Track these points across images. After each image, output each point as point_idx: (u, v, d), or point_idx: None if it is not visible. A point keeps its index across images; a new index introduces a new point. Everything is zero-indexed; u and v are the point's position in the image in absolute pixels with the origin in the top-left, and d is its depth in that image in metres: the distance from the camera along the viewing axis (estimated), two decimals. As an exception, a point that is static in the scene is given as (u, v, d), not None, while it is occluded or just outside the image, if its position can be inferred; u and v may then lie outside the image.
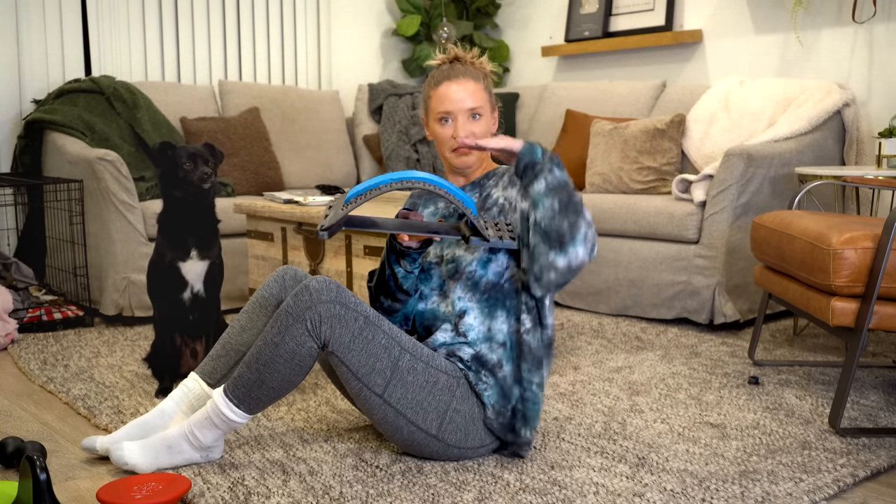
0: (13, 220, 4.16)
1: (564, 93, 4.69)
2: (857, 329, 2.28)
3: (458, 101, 2.13)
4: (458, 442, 2.06)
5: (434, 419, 2.02)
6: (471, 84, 2.15)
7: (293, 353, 1.95)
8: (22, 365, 3.03)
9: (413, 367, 2.00)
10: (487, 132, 2.17)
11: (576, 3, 4.96)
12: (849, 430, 2.28)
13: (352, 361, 1.97)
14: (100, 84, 4.12)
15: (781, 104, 3.80)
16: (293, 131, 4.70)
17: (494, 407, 2.07)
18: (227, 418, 2.00)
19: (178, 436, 2.05)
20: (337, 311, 1.95)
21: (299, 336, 1.95)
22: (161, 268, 2.68)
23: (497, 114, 2.24)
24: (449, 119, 2.14)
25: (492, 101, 2.21)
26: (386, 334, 1.99)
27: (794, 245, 2.51)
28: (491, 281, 2.09)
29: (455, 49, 2.23)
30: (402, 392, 1.99)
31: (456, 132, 2.13)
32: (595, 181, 4.02)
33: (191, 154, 2.62)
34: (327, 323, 1.94)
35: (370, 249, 2.79)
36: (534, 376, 2.07)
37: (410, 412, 2.01)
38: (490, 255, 2.09)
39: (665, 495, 1.90)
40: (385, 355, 1.98)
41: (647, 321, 3.64)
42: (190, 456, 2.06)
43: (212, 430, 2.03)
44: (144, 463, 2.03)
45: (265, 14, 4.97)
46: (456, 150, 2.14)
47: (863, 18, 3.80)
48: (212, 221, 2.72)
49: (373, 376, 1.98)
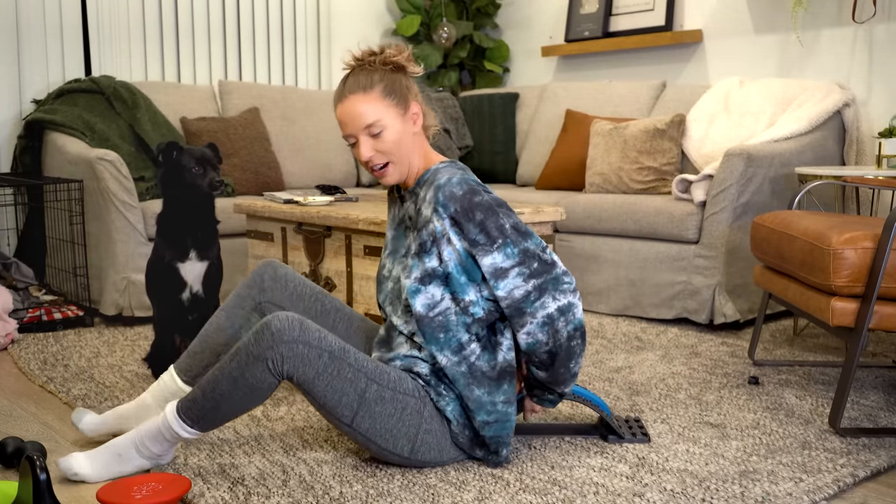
0: (13, 220, 4.16)
1: (564, 93, 4.69)
2: (857, 329, 2.28)
3: (350, 122, 2.01)
4: (434, 459, 2.05)
5: (405, 444, 2.00)
6: (359, 98, 1.99)
7: (252, 389, 1.92)
8: (22, 365, 3.03)
9: (381, 397, 1.97)
10: (398, 141, 2.02)
11: (576, 3, 4.96)
12: (849, 430, 2.28)
13: (318, 395, 1.94)
14: (100, 84, 4.12)
15: (781, 104, 3.80)
16: (293, 131, 4.70)
17: (458, 420, 2.03)
18: (178, 436, 1.99)
19: (129, 444, 2.03)
20: (300, 350, 1.90)
21: (259, 374, 1.90)
22: (160, 268, 2.68)
23: (415, 104, 2.05)
24: (354, 140, 2.03)
25: (397, 100, 2.02)
26: (352, 367, 1.95)
27: (794, 245, 2.51)
28: (420, 312, 2.00)
29: (353, 53, 2.06)
30: (370, 422, 1.97)
31: (359, 155, 2.02)
32: (595, 181, 4.02)
33: (199, 158, 2.62)
34: (289, 362, 1.90)
35: (370, 249, 2.79)
36: (496, 397, 2.02)
37: (381, 440, 1.99)
38: (420, 285, 2.00)
39: (665, 495, 1.90)
40: (351, 389, 1.94)
41: (647, 321, 3.64)
42: (140, 463, 2.04)
43: (162, 442, 2.02)
44: (93, 473, 2.01)
45: (265, 14, 4.97)
46: (372, 171, 2.06)
47: (863, 18, 3.80)
48: (211, 222, 2.72)
49: (340, 409, 1.95)
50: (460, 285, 1.99)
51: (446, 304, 1.99)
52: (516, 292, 1.95)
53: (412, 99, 2.05)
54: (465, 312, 1.99)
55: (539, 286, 1.95)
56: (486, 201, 1.97)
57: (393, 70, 2.04)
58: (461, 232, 1.96)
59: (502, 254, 1.95)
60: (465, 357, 2.00)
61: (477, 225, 1.95)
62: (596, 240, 3.80)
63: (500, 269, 1.95)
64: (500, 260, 1.95)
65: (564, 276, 1.98)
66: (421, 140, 2.09)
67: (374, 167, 2.04)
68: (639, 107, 4.33)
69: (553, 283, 1.96)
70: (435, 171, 2.05)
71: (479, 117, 4.95)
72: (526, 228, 1.99)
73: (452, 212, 1.96)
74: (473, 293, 1.99)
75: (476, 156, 4.92)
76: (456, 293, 1.99)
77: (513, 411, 2.04)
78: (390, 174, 2.05)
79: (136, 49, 4.56)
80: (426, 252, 2.00)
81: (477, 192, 1.97)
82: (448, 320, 2.00)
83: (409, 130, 2.05)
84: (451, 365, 2.00)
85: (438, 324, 2.00)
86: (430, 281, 2.00)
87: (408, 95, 2.04)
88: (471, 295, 1.99)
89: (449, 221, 1.97)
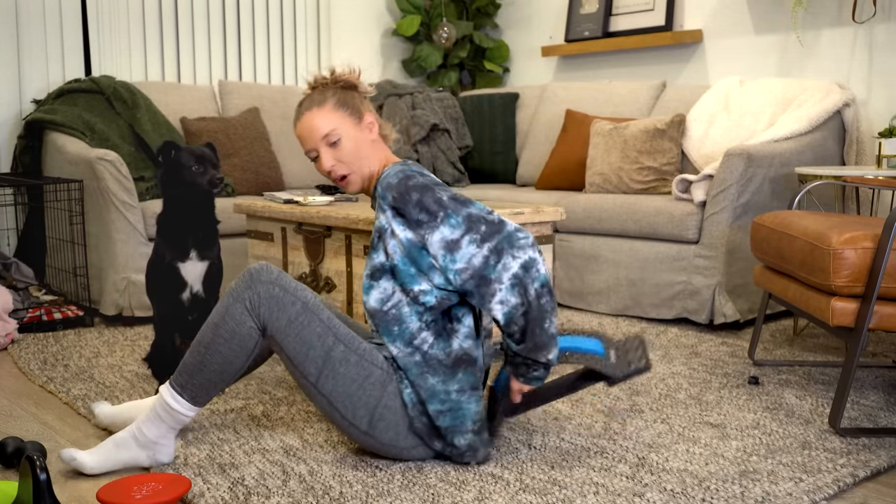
0: (13, 220, 4.16)
1: (564, 93, 4.69)
2: (857, 329, 2.28)
3: (309, 137, 2.09)
4: (391, 440, 2.04)
5: (364, 415, 2.01)
6: (314, 113, 2.09)
7: (233, 333, 1.99)
8: (22, 365, 3.03)
9: (346, 359, 2.00)
10: (356, 148, 2.08)
11: (576, 3, 4.96)
12: (849, 430, 2.28)
13: (288, 347, 2.00)
14: (100, 84, 4.12)
15: (781, 104, 3.80)
16: (293, 131, 4.70)
17: (415, 405, 2.03)
18: (169, 408, 2.03)
19: (127, 432, 2.07)
20: (276, 292, 1.99)
21: (238, 315, 1.99)
22: (160, 268, 2.68)
23: (370, 115, 2.13)
24: (315, 154, 2.11)
25: (351, 111, 2.10)
26: (322, 323, 2.00)
27: (794, 245, 2.51)
28: (374, 307, 2.02)
29: (307, 79, 2.18)
30: (333, 383, 2.00)
31: (321, 167, 2.10)
32: (595, 181, 4.02)
33: (199, 156, 2.62)
34: (265, 304, 1.98)
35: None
36: (450, 385, 2.01)
37: (341, 405, 2.01)
38: (372, 281, 2.03)
39: (665, 495, 1.90)
40: (319, 343, 1.99)
41: (647, 321, 3.64)
42: (135, 454, 2.06)
43: (157, 423, 2.05)
44: (91, 460, 2.03)
45: (265, 14, 4.97)
46: (335, 181, 2.12)
47: (863, 18, 3.80)
48: (212, 222, 2.72)
49: (307, 364, 2.00)
50: (409, 276, 2.00)
51: (398, 297, 2.02)
52: (475, 260, 1.94)
53: (365, 110, 2.14)
54: (416, 302, 2.00)
55: (495, 248, 1.94)
56: (420, 182, 1.99)
57: (344, 87, 2.14)
58: (403, 219, 1.99)
59: (447, 226, 1.96)
60: (417, 347, 2.01)
61: (416, 205, 1.97)
62: (596, 240, 3.80)
63: (452, 242, 1.96)
64: (448, 232, 1.96)
65: (518, 231, 1.96)
66: (380, 147, 2.15)
67: (336, 178, 2.10)
68: (639, 107, 4.33)
69: (507, 240, 1.95)
70: (386, 172, 2.07)
71: (479, 117, 4.95)
72: (465, 198, 2.00)
73: (391, 200, 1.99)
74: (425, 283, 2.00)
75: (476, 156, 4.92)
76: (405, 284, 2.01)
77: (468, 401, 2.02)
78: (352, 182, 2.12)
79: (136, 49, 4.56)
80: (374, 248, 2.05)
81: (411, 177, 2.00)
82: (401, 312, 2.01)
83: (367, 138, 2.12)
84: (404, 355, 2.02)
85: (392, 317, 2.02)
86: (381, 276, 2.03)
87: (360, 107, 2.13)
88: (421, 285, 2.00)
89: (391, 212, 2.00)
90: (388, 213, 2.00)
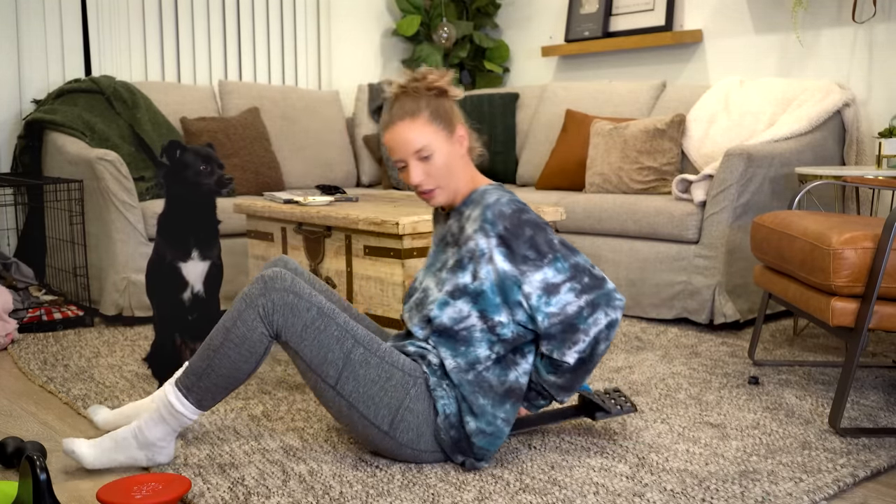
0: (13, 220, 4.16)
1: (564, 93, 4.69)
2: (857, 329, 2.28)
3: (399, 148, 2.05)
4: (411, 442, 2.04)
5: (386, 415, 2.01)
6: (407, 125, 2.04)
7: (243, 338, 1.97)
8: (22, 365, 3.03)
9: (366, 361, 2.00)
10: (447, 164, 2.05)
11: (576, 3, 4.96)
12: (849, 430, 2.28)
13: (304, 351, 1.99)
14: (100, 84, 4.12)
15: (781, 104, 3.80)
16: (293, 131, 4.70)
17: (448, 417, 2.02)
18: (174, 410, 2.01)
19: (127, 432, 2.05)
20: (290, 299, 1.97)
21: (251, 321, 1.97)
22: (160, 267, 2.68)
23: (461, 127, 2.10)
24: (403, 164, 2.07)
25: (443, 124, 2.06)
26: (340, 326, 2.00)
27: (794, 245, 2.51)
28: (444, 324, 2.02)
29: (397, 80, 2.10)
30: (353, 385, 1.99)
31: (408, 179, 2.06)
32: (595, 181, 4.02)
33: (205, 156, 2.62)
34: (279, 311, 1.97)
35: (370, 249, 2.79)
36: (498, 412, 2.03)
37: (362, 406, 2.00)
38: (450, 299, 2.02)
39: (665, 495, 1.90)
40: (337, 346, 1.98)
41: (647, 321, 3.64)
42: (133, 454, 2.04)
43: (159, 424, 2.03)
44: (90, 454, 2.03)
45: (265, 14, 4.97)
46: (420, 194, 2.10)
47: (863, 18, 3.80)
48: (213, 222, 2.72)
49: (325, 367, 1.99)
50: (493, 305, 2.00)
51: (473, 321, 2.01)
52: (569, 308, 1.97)
53: (457, 122, 2.10)
54: (491, 331, 2.01)
55: (591, 302, 1.98)
56: (533, 219, 2.01)
57: (437, 95, 2.08)
58: (509, 251, 1.98)
59: (553, 269, 1.98)
60: (474, 367, 2.02)
61: (526, 241, 1.98)
62: (596, 240, 3.80)
63: (552, 285, 1.97)
64: (552, 275, 1.97)
65: (615, 292, 2.01)
66: (467, 162, 2.13)
67: (422, 191, 2.08)
68: (639, 107, 4.33)
69: (605, 298, 1.99)
70: (483, 192, 2.08)
71: (479, 117, 4.95)
72: (572, 246, 2.03)
73: (501, 230, 1.99)
74: (506, 316, 2.01)
75: (476, 156, 4.92)
76: (486, 312, 2.01)
77: (507, 431, 2.05)
78: (437, 197, 2.09)
79: (136, 49, 4.56)
80: (461, 268, 2.02)
81: (525, 211, 2.01)
82: (472, 336, 2.02)
83: (457, 153, 2.09)
84: (458, 371, 2.02)
85: (462, 338, 2.02)
86: (460, 296, 2.02)
87: (453, 119, 2.09)
88: (502, 316, 2.00)
89: (496, 240, 1.99)
90: (491, 240, 1.99)
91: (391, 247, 2.70)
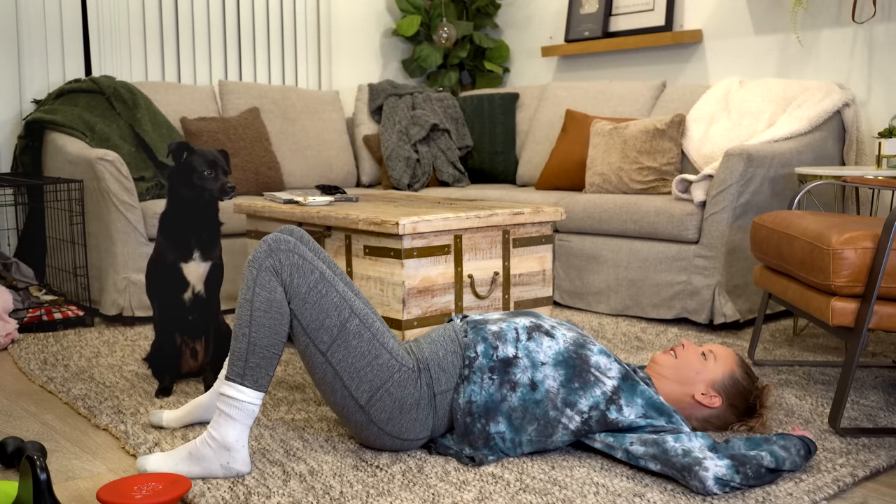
0: (13, 220, 4.17)
1: (564, 93, 4.69)
2: (857, 329, 2.28)
3: None
4: (381, 422, 2.07)
5: (366, 391, 2.04)
6: None
7: (269, 302, 2.00)
8: (22, 365, 3.03)
9: (360, 333, 2.04)
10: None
11: (576, 3, 4.96)
12: (849, 430, 2.28)
13: (304, 313, 2.01)
14: (100, 84, 4.12)
15: (781, 104, 3.80)
16: (293, 131, 4.70)
17: (472, 402, 2.06)
18: (237, 401, 1.99)
19: (199, 441, 2.02)
20: (295, 260, 2.02)
21: (268, 283, 2.00)
22: (161, 267, 2.68)
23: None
24: None
25: None
26: (339, 294, 2.05)
27: (794, 245, 2.51)
28: (550, 388, 2.09)
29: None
30: (343, 354, 2.03)
31: None
32: (595, 181, 4.02)
33: (211, 161, 2.62)
34: (287, 270, 2.01)
35: (370, 249, 2.79)
36: (532, 440, 2.09)
37: (346, 376, 2.04)
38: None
39: (665, 495, 1.90)
40: (335, 313, 2.02)
41: (647, 321, 3.64)
42: (209, 465, 2.00)
43: (228, 423, 1.99)
44: (165, 467, 2.01)
45: (265, 14, 4.97)
46: None
47: (863, 18, 3.80)
48: (215, 222, 2.73)
49: (320, 332, 2.02)
50: (578, 396, 2.08)
51: (609, 388, 2.09)
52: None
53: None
54: (609, 405, 2.07)
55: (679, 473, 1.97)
56: None
57: None
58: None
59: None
60: (560, 409, 2.08)
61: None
62: (596, 240, 3.80)
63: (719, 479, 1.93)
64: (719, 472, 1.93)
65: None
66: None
67: None
68: (639, 107, 4.33)
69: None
70: None
71: (479, 117, 4.95)
72: None
73: None
74: (586, 404, 2.07)
75: (476, 156, 4.92)
76: (571, 400, 2.08)
77: (526, 449, 2.11)
78: None
79: (136, 49, 4.56)
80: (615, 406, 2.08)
81: None
82: (592, 390, 2.08)
83: None
84: (544, 397, 2.08)
85: (586, 380, 2.09)
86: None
87: None
88: (582, 405, 2.08)
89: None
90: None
91: (391, 247, 2.70)
